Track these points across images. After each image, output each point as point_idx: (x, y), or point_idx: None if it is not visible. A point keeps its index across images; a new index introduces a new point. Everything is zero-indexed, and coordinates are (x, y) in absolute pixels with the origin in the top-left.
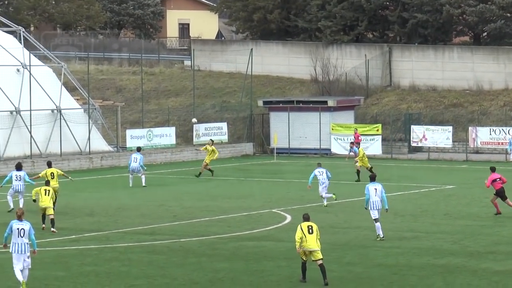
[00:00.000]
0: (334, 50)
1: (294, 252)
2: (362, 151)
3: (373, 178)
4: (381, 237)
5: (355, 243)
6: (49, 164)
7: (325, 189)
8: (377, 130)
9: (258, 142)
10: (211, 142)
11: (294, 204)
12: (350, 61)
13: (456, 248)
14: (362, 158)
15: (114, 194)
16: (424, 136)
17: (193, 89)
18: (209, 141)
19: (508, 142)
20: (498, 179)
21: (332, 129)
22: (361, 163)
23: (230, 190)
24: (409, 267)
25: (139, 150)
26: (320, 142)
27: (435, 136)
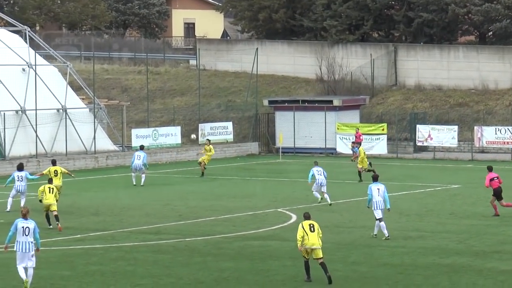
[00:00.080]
0: (340, 50)
1: (298, 252)
2: (362, 152)
3: (376, 178)
4: (386, 236)
5: (360, 243)
6: (54, 162)
7: (324, 187)
8: (383, 130)
9: (263, 142)
10: (208, 141)
11: (299, 204)
12: (355, 60)
13: (461, 248)
14: (362, 159)
15: (120, 193)
16: (429, 136)
17: (199, 88)
18: (206, 141)
19: None
20: (496, 178)
21: (338, 129)
22: (361, 164)
23: (235, 190)
24: (414, 267)
25: (142, 148)
26: (326, 142)
27: (440, 136)
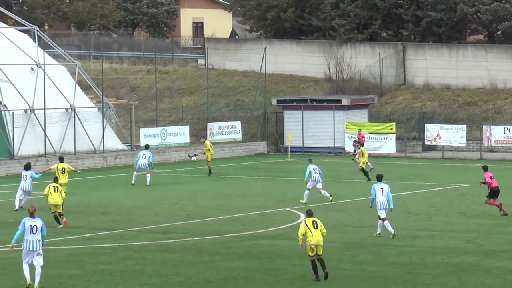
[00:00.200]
0: (348, 49)
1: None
2: (366, 152)
3: (380, 178)
4: (392, 233)
5: (368, 242)
6: (61, 159)
7: (320, 184)
8: (391, 129)
9: (272, 141)
10: (203, 140)
11: (308, 203)
12: (364, 59)
13: (470, 247)
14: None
15: (128, 192)
16: (438, 135)
17: (207, 87)
18: (201, 139)
19: None
20: (492, 177)
21: (346, 128)
22: (362, 163)
23: (243, 189)
24: (423, 266)
25: (147, 148)
26: (334, 141)
27: (449, 135)
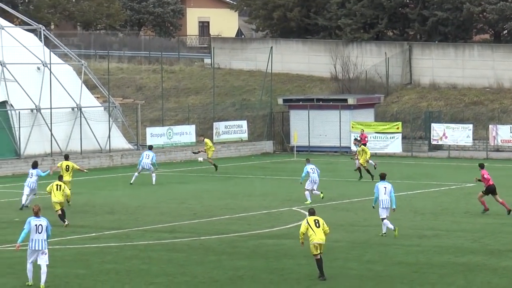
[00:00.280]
0: (354, 48)
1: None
2: (368, 151)
3: (383, 176)
4: (392, 229)
5: (375, 241)
6: (66, 157)
7: (316, 185)
8: (397, 128)
9: (278, 140)
10: (202, 138)
11: (314, 202)
12: (370, 59)
13: (476, 246)
14: (362, 157)
15: (134, 192)
16: (444, 134)
17: (213, 87)
18: (200, 137)
19: None
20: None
21: (352, 127)
22: (364, 162)
23: (250, 188)
24: (429, 265)
25: (150, 148)
26: (340, 140)
27: (455, 134)
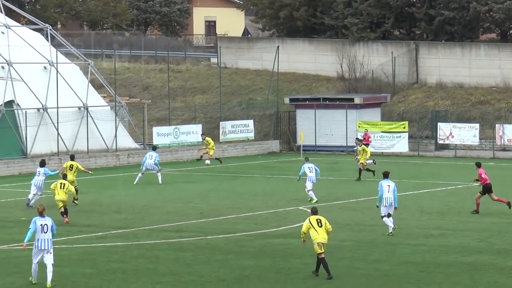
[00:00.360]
0: (361, 47)
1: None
2: (368, 151)
3: (386, 175)
4: (391, 228)
5: (381, 241)
6: (72, 157)
7: (312, 185)
8: (404, 128)
9: (284, 140)
10: (204, 137)
11: (320, 202)
12: (376, 58)
13: (483, 246)
14: (362, 157)
15: (141, 191)
16: (451, 134)
17: (220, 86)
18: (202, 136)
19: None
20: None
21: (359, 127)
22: (363, 161)
23: (256, 188)
24: (436, 265)
25: (154, 149)
26: (347, 140)
27: (462, 134)
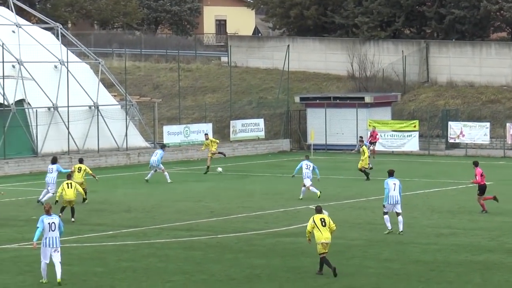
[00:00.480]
0: (371, 46)
1: (331, 248)
2: (367, 151)
3: (391, 173)
4: (389, 229)
5: (392, 240)
6: (80, 161)
7: (310, 181)
8: (414, 127)
9: (295, 138)
10: (207, 137)
11: (331, 201)
12: (387, 57)
13: (494, 245)
14: (365, 158)
15: (151, 190)
16: (461, 133)
17: (230, 85)
18: (205, 136)
19: None
20: (482, 174)
21: (369, 126)
22: (362, 163)
23: (267, 186)
24: (446, 264)
25: (162, 148)
26: (357, 139)
27: (472, 133)
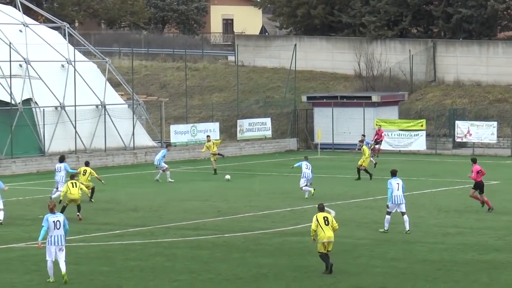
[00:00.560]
0: (378, 46)
1: (338, 247)
2: (367, 151)
3: (394, 173)
4: (385, 229)
5: (399, 239)
6: (86, 164)
7: (306, 182)
8: (422, 126)
9: (302, 138)
10: (209, 139)
11: (338, 200)
12: (394, 56)
13: (501, 244)
14: (367, 158)
15: (158, 189)
16: (468, 132)
17: (237, 84)
18: (207, 137)
19: None
20: (479, 171)
21: (376, 125)
22: (361, 163)
23: (274, 186)
24: (453, 263)
25: (166, 147)
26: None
27: (479, 132)
